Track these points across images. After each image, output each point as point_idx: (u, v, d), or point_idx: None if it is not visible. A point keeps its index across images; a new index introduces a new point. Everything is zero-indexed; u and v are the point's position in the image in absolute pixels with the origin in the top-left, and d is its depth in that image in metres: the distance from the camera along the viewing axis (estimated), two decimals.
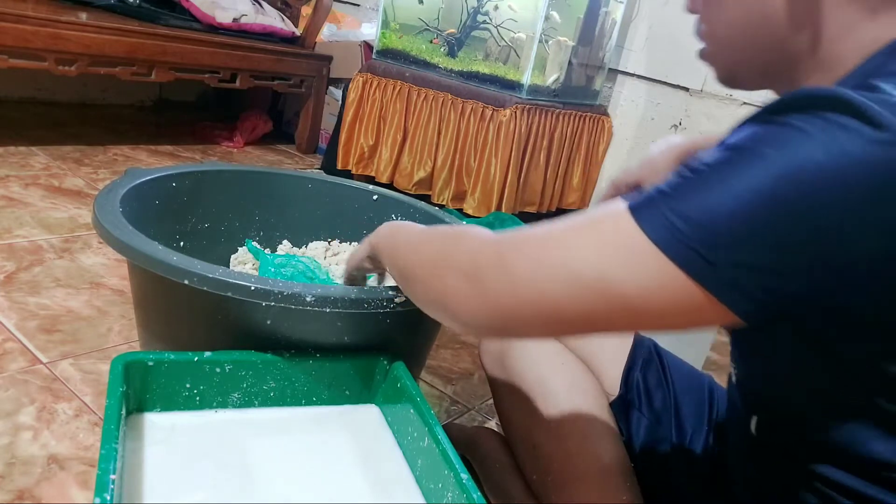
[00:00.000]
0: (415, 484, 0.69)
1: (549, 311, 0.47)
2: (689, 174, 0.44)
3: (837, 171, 0.38)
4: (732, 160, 0.42)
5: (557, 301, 0.46)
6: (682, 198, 0.43)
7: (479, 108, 1.99)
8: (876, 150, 0.38)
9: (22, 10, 1.74)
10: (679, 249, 0.42)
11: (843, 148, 0.38)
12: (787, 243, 0.40)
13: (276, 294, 0.68)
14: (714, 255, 0.41)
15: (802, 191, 0.39)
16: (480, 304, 0.50)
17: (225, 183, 1.09)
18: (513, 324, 0.49)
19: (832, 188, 0.38)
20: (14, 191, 1.63)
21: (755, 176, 0.40)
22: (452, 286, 0.52)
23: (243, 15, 2.32)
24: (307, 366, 0.76)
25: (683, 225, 0.42)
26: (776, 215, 0.39)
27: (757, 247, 0.40)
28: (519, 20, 2.05)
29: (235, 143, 2.52)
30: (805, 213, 0.39)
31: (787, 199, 0.39)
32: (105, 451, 0.55)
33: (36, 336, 1.06)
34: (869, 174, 0.38)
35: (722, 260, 0.41)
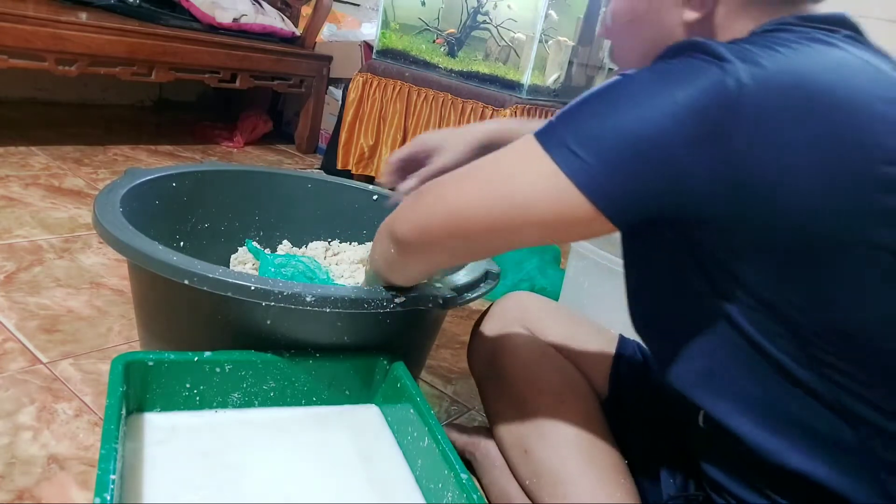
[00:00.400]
0: (415, 484, 0.69)
1: (462, 216, 0.58)
2: (579, 103, 0.54)
3: (683, 101, 0.49)
4: (611, 91, 0.53)
5: (467, 205, 0.58)
6: (570, 117, 0.54)
7: (479, 108, 1.99)
8: (718, 73, 0.49)
9: (22, 10, 1.74)
10: (560, 150, 0.53)
11: (697, 78, 0.49)
12: (644, 158, 0.50)
13: (275, 294, 0.68)
14: (585, 153, 0.51)
15: (652, 120, 0.50)
16: (413, 215, 0.63)
17: (225, 183, 1.09)
18: (438, 232, 0.61)
19: (677, 119, 0.49)
20: (14, 191, 1.63)
21: (624, 105, 0.51)
22: (401, 209, 0.66)
23: (243, 15, 2.32)
24: (307, 366, 0.76)
25: (567, 133, 0.53)
26: (631, 134, 0.50)
27: (625, 161, 0.50)
28: (519, 20, 2.05)
29: (235, 143, 2.52)
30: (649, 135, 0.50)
31: (640, 125, 0.50)
32: (105, 452, 0.55)
33: (36, 336, 1.06)
34: (714, 97, 0.48)
35: (597, 168, 0.51)
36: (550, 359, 0.82)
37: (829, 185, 0.48)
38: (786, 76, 0.49)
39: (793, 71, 0.49)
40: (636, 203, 0.52)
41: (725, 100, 0.48)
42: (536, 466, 0.74)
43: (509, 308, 0.89)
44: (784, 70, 0.49)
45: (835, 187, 0.49)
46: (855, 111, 0.49)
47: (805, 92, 0.49)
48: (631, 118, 0.51)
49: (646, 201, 0.51)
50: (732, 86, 0.48)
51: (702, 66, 0.50)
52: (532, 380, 0.79)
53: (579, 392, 0.79)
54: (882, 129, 0.49)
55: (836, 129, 0.48)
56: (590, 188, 0.51)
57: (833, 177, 0.48)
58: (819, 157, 0.48)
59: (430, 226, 0.61)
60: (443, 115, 2.07)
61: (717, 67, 0.49)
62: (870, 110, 0.49)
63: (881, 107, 0.50)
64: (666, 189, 0.51)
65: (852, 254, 0.50)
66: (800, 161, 0.48)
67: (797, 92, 0.48)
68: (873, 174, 0.49)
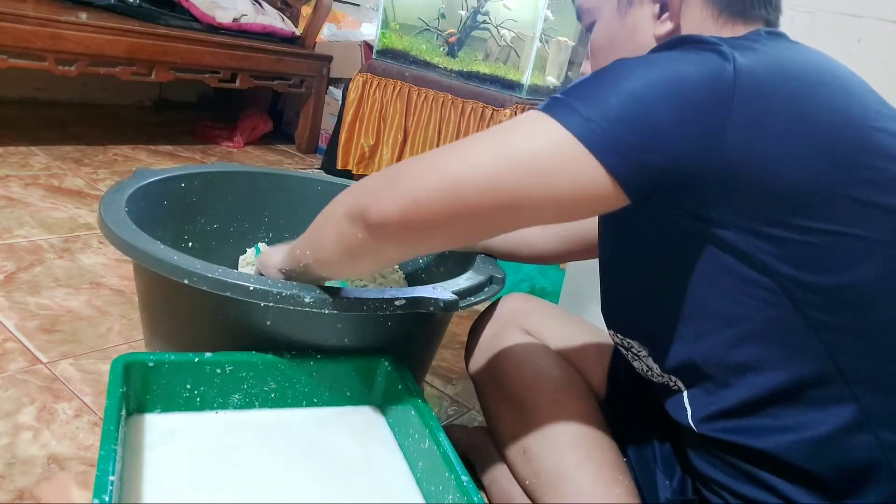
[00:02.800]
0: (415, 486, 0.69)
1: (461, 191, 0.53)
2: (585, 77, 0.55)
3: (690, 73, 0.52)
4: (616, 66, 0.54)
5: (468, 178, 0.53)
6: (576, 88, 0.54)
7: (479, 108, 1.99)
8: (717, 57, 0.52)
9: (22, 10, 1.74)
10: (568, 115, 0.52)
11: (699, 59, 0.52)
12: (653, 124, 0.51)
13: (274, 294, 0.68)
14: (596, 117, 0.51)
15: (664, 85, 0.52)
16: (397, 187, 0.55)
17: (234, 184, 1.09)
18: (427, 206, 0.54)
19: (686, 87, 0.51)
20: (14, 191, 1.63)
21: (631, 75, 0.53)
22: (370, 187, 0.58)
23: (243, 15, 2.31)
24: (308, 367, 0.75)
25: (575, 100, 0.52)
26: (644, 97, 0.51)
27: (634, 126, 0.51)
28: (519, 20, 2.05)
29: (235, 143, 2.51)
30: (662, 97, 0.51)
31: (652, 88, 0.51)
32: (104, 453, 0.55)
33: (36, 336, 1.06)
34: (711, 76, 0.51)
35: (610, 135, 0.51)
36: (548, 359, 0.82)
37: (818, 155, 0.52)
38: (771, 62, 0.54)
39: (775, 57, 0.55)
40: (645, 167, 0.52)
41: (724, 78, 0.51)
42: (536, 466, 0.74)
43: (506, 310, 0.89)
44: (768, 57, 0.54)
45: (822, 156, 0.52)
46: (830, 89, 0.54)
47: (787, 74, 0.54)
48: (638, 85, 0.52)
49: (653, 164, 0.52)
50: (729, 67, 0.52)
51: (701, 51, 0.53)
52: (530, 380, 0.79)
53: (577, 392, 0.79)
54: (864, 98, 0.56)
55: (816, 106, 0.53)
56: (601, 150, 0.51)
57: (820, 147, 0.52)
58: (806, 130, 0.52)
59: (426, 202, 0.54)
60: (443, 115, 2.07)
61: (716, 53, 0.53)
62: (850, 87, 0.56)
63: (857, 88, 0.57)
64: (672, 154, 0.51)
65: (841, 210, 0.53)
66: (789, 135, 0.52)
67: (781, 74, 0.53)
68: (858, 142, 0.53)
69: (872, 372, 0.55)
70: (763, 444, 0.57)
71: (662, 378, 0.66)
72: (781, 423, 0.57)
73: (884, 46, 1.87)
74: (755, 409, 0.58)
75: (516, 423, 0.78)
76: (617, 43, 0.67)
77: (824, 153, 0.52)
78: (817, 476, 0.56)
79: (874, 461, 0.56)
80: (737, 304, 0.56)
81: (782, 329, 0.55)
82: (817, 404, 0.56)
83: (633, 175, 0.52)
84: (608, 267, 0.69)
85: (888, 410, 0.56)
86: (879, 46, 1.88)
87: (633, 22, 0.65)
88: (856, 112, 0.54)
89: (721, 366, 0.59)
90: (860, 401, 0.55)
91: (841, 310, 0.55)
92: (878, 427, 0.55)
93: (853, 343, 0.55)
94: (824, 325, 0.55)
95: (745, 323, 0.56)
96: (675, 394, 0.65)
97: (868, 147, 0.53)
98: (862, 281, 0.54)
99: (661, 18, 0.63)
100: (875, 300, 0.54)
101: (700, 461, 0.64)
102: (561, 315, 0.90)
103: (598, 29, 0.69)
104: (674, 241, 0.58)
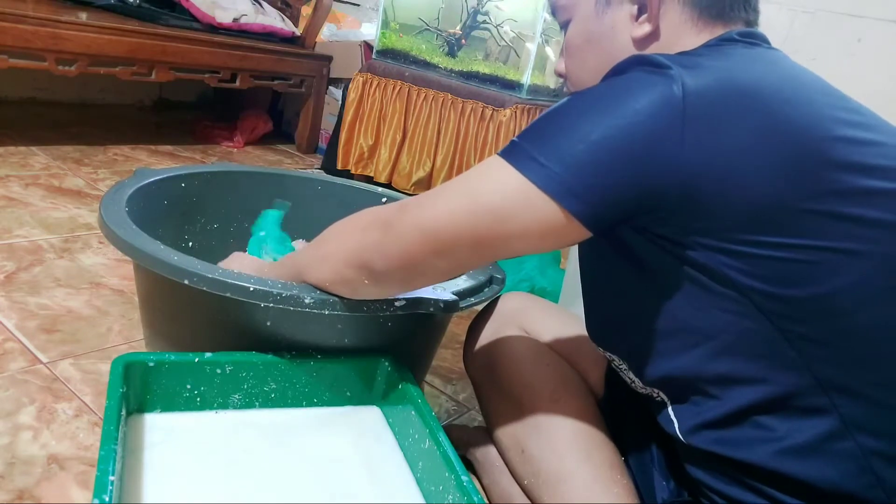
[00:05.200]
0: (416, 486, 0.69)
1: (440, 237, 0.59)
2: (540, 122, 0.57)
3: (639, 107, 0.52)
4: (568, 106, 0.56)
5: (444, 227, 0.58)
6: (532, 134, 0.56)
7: (479, 107, 1.99)
8: (663, 81, 0.53)
9: (22, 10, 1.73)
10: (528, 164, 0.55)
11: (646, 87, 0.53)
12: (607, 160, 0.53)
13: (274, 295, 0.68)
14: (553, 164, 0.53)
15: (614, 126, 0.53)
16: (390, 242, 0.61)
17: (234, 184, 1.09)
18: (415, 254, 0.60)
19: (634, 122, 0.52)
20: (14, 191, 1.63)
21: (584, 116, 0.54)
22: (368, 238, 0.64)
23: (243, 15, 2.31)
24: (308, 367, 0.75)
25: (532, 148, 0.55)
26: (596, 141, 0.53)
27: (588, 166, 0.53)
28: (519, 20, 2.05)
29: (235, 143, 2.51)
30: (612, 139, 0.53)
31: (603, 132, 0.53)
32: (104, 453, 0.55)
33: (36, 336, 1.06)
34: (663, 102, 0.52)
35: (568, 178, 0.53)
36: (546, 359, 0.82)
37: (776, 169, 0.52)
38: (723, 78, 0.54)
39: (728, 73, 0.55)
40: (604, 203, 0.54)
41: (673, 103, 0.52)
42: (535, 466, 0.74)
43: (505, 309, 0.89)
44: (721, 73, 0.55)
45: (780, 170, 0.52)
46: (788, 102, 0.54)
47: (740, 90, 0.54)
48: (590, 126, 0.53)
49: (612, 200, 0.54)
50: (677, 91, 0.52)
51: (648, 76, 0.54)
52: (528, 380, 0.79)
53: (575, 391, 0.79)
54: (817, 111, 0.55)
55: (772, 120, 0.53)
56: (559, 193, 0.54)
57: (778, 160, 0.52)
58: (762, 145, 0.52)
59: (412, 252, 0.61)
60: (443, 115, 2.07)
61: (662, 76, 0.53)
62: (808, 96, 0.56)
63: (818, 97, 0.57)
64: (629, 186, 0.53)
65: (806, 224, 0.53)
66: (745, 150, 0.52)
67: (733, 91, 0.54)
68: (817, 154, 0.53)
69: (849, 380, 0.55)
70: (748, 455, 0.58)
71: (646, 390, 0.67)
72: (764, 434, 0.57)
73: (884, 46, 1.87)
74: (738, 420, 0.58)
75: (515, 423, 0.78)
76: (593, 43, 0.67)
77: (784, 167, 0.52)
78: (804, 482, 0.56)
79: (857, 468, 0.56)
80: (710, 318, 0.57)
81: (757, 341, 0.56)
82: (797, 414, 0.56)
83: (592, 213, 0.54)
84: (587, 283, 0.70)
85: (866, 417, 0.56)
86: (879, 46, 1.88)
87: (610, 22, 0.65)
88: (814, 122, 0.54)
89: (700, 379, 0.59)
90: (839, 409, 0.55)
91: (814, 320, 0.55)
92: (859, 433, 0.55)
93: (828, 352, 0.55)
94: (799, 335, 0.55)
95: (720, 336, 0.57)
96: (661, 406, 0.65)
97: (828, 159, 0.53)
98: (832, 291, 0.54)
99: (640, 20, 0.63)
100: (847, 309, 0.55)
101: (692, 467, 0.64)
102: (560, 314, 0.90)
103: (574, 27, 0.68)
104: (643, 260, 0.59)
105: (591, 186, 0.53)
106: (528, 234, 0.57)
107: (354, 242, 0.65)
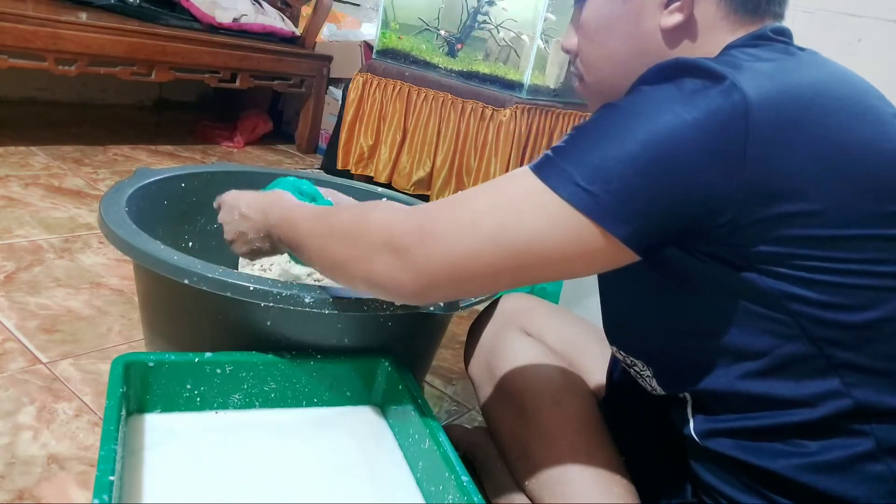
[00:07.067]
0: (416, 486, 0.69)
1: (471, 268, 0.53)
2: (577, 133, 0.53)
3: (693, 122, 0.48)
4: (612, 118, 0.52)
5: (476, 257, 0.53)
6: (570, 151, 0.52)
7: (479, 107, 1.99)
8: (719, 98, 0.48)
9: (22, 10, 1.73)
10: (569, 188, 0.50)
11: (700, 99, 0.49)
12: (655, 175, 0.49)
13: (274, 295, 0.68)
14: (603, 194, 0.49)
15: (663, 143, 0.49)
16: (407, 273, 0.55)
17: (235, 184, 1.08)
18: (439, 286, 0.55)
19: (688, 138, 0.48)
20: (14, 191, 1.63)
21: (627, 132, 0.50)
22: (379, 263, 0.57)
23: (243, 15, 2.31)
24: (308, 367, 0.75)
25: (573, 169, 0.51)
26: (643, 160, 0.49)
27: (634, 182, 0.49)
28: (519, 20, 2.05)
29: (235, 143, 2.51)
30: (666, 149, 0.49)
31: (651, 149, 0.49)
32: (104, 453, 0.55)
33: (36, 336, 1.06)
34: (717, 119, 0.48)
35: (607, 198, 0.49)
36: (547, 360, 0.81)
37: (847, 187, 0.50)
38: (784, 89, 0.50)
39: (787, 81, 0.51)
40: (654, 227, 0.51)
41: (734, 118, 0.48)
42: (535, 467, 0.74)
43: (506, 309, 0.89)
44: (780, 82, 0.50)
45: (852, 187, 0.50)
46: (855, 113, 0.51)
47: (803, 101, 0.50)
48: (637, 145, 0.49)
49: (663, 224, 0.51)
50: (738, 103, 0.48)
51: (701, 86, 0.49)
52: (529, 381, 0.79)
53: (576, 392, 0.78)
54: (878, 114, 0.53)
55: (840, 135, 0.50)
56: (605, 218, 0.50)
57: (849, 179, 0.50)
58: (830, 162, 0.49)
59: (435, 278, 0.55)
60: (443, 116, 2.07)
61: (717, 86, 0.49)
62: (866, 108, 0.53)
63: (876, 103, 0.54)
64: (682, 206, 0.50)
65: (870, 244, 0.51)
66: (813, 168, 0.49)
67: (797, 102, 0.50)
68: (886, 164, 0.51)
69: (889, 406, 0.54)
70: (770, 464, 0.56)
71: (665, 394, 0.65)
72: (793, 449, 0.55)
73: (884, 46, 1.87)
74: (766, 436, 0.56)
75: (516, 424, 0.78)
76: (613, 28, 0.61)
77: (853, 186, 0.50)
78: (828, 496, 0.55)
79: (888, 490, 0.54)
80: (753, 339, 0.54)
81: (799, 366, 0.54)
82: (831, 434, 0.55)
83: (641, 239, 0.51)
84: (608, 289, 0.66)
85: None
86: (879, 46, 1.88)
87: (637, 7, 0.60)
88: (875, 133, 0.52)
89: (732, 395, 0.57)
90: (875, 433, 0.54)
91: (862, 346, 0.53)
92: (891, 458, 0.54)
93: (871, 378, 0.53)
94: (844, 362, 0.53)
95: (761, 358, 0.54)
96: (679, 404, 0.63)
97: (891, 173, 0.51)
98: (886, 316, 0.52)
99: (670, 8, 0.58)
100: None
101: (702, 470, 0.63)
102: (561, 315, 0.90)
103: (594, 6, 0.63)
104: (684, 277, 0.55)
105: (638, 213, 0.50)
106: (571, 261, 0.52)
107: (365, 264, 0.58)
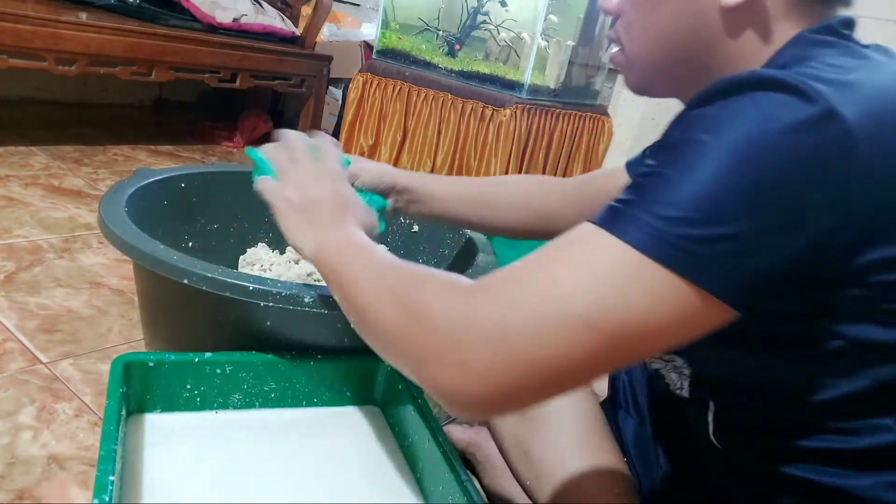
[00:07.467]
0: (415, 486, 0.69)
1: (554, 365, 0.43)
2: (644, 179, 0.44)
3: (780, 140, 0.41)
4: (681, 154, 0.43)
5: (560, 351, 0.42)
6: (650, 200, 0.43)
7: (479, 107, 1.99)
8: (814, 110, 0.41)
9: (22, 10, 1.73)
10: (664, 249, 0.42)
11: (779, 120, 0.41)
12: (752, 215, 0.41)
13: (274, 295, 0.68)
14: (693, 245, 0.41)
15: (753, 165, 0.41)
16: (477, 386, 0.43)
17: (234, 184, 1.09)
18: (517, 394, 0.44)
19: (779, 157, 0.41)
20: (14, 191, 1.63)
21: (707, 162, 0.42)
22: (439, 375, 0.45)
23: (243, 15, 2.31)
24: (308, 367, 0.75)
25: (660, 223, 0.42)
26: (736, 193, 0.41)
27: (729, 226, 0.41)
28: (519, 20, 2.05)
29: (235, 143, 2.51)
30: (760, 185, 0.41)
31: (740, 176, 0.41)
32: (104, 453, 0.55)
33: (36, 336, 1.06)
34: (820, 138, 0.41)
35: (700, 249, 0.41)
36: None
37: None
38: (878, 100, 0.44)
39: (881, 94, 0.45)
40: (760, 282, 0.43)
41: (832, 138, 0.41)
42: (536, 467, 0.74)
43: None
44: (875, 96, 0.44)
45: None
46: None
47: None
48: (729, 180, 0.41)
49: (762, 278, 0.43)
50: (834, 122, 0.41)
51: (788, 102, 0.42)
52: None
53: (578, 392, 0.79)
54: None
55: None
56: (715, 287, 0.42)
57: None
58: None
59: (520, 388, 0.44)
60: (443, 116, 2.07)
61: (808, 103, 0.41)
62: None
63: None
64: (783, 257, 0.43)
65: None
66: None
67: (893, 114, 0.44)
68: None
69: None
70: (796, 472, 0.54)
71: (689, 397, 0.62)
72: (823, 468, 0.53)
73: None
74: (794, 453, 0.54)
75: (517, 424, 0.78)
76: None
77: None
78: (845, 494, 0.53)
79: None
80: (811, 379, 0.51)
81: (852, 404, 0.51)
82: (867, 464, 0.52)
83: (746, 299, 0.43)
84: None
85: None
86: None
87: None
88: None
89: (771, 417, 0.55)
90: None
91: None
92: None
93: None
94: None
95: (816, 394, 0.51)
96: (700, 407, 0.61)
97: None
98: None
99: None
100: None
101: (716, 472, 0.62)
102: None
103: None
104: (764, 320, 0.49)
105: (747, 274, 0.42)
106: (675, 341, 0.45)
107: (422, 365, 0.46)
